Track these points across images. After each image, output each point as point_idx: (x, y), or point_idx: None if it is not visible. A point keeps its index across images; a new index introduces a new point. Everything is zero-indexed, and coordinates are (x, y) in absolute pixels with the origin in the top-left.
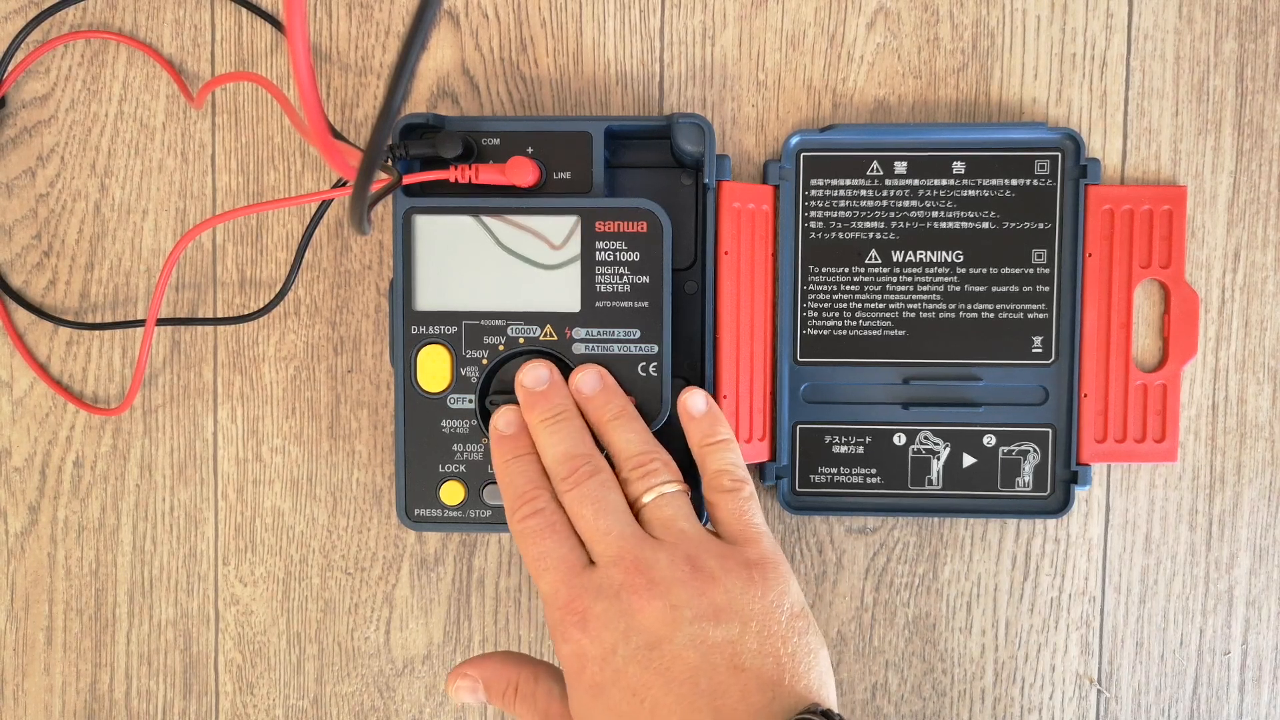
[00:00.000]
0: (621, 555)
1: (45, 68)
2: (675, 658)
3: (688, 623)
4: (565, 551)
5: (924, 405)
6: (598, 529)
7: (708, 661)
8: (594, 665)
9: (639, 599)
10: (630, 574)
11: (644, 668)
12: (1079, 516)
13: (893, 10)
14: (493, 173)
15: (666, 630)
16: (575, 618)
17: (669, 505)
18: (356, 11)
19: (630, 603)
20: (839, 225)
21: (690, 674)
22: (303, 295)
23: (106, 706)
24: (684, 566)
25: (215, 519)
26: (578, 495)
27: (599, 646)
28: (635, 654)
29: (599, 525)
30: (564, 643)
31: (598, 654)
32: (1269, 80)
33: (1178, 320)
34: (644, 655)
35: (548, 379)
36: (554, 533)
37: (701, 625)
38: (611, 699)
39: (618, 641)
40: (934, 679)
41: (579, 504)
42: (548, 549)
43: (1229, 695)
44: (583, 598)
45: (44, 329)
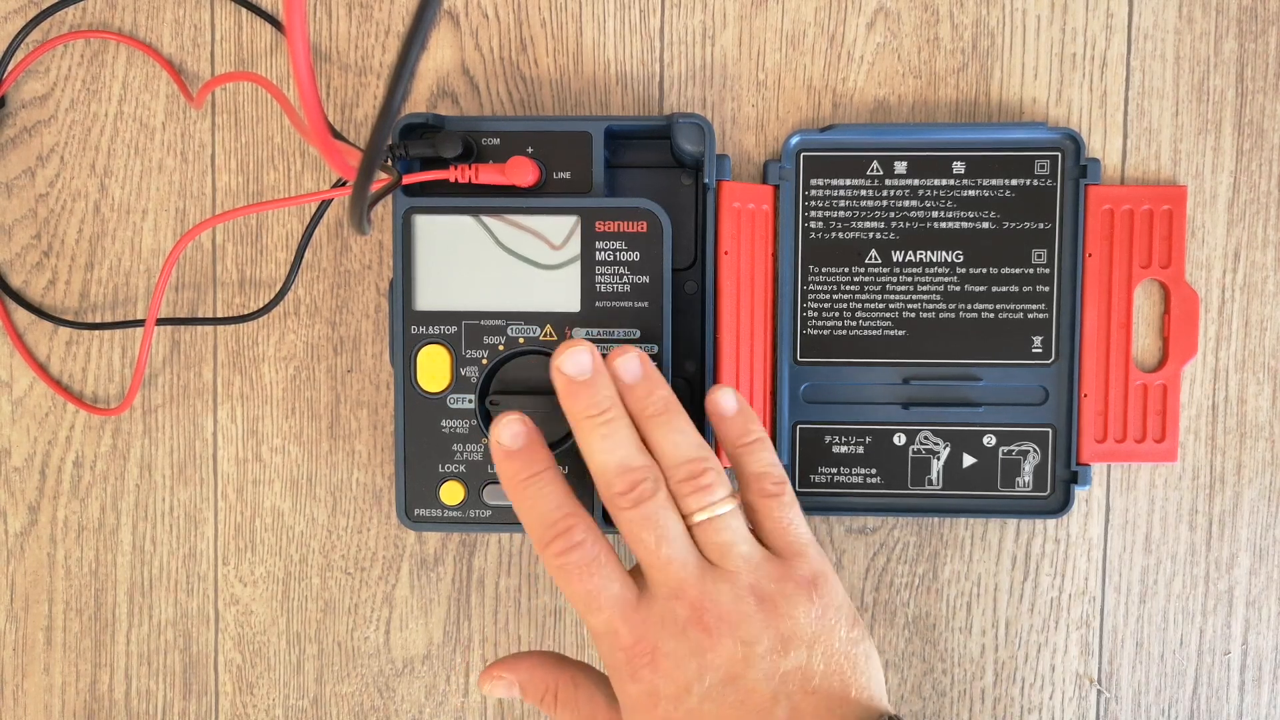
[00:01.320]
0: (684, 589)
1: (45, 68)
2: (751, 692)
3: (760, 658)
4: (618, 589)
5: (924, 405)
6: (659, 557)
7: (783, 691)
8: (668, 704)
9: (709, 638)
10: (696, 611)
11: (720, 704)
12: (1079, 516)
13: (893, 10)
14: (493, 173)
15: (740, 668)
16: (645, 658)
17: (726, 529)
18: (356, 11)
19: (700, 641)
20: (839, 225)
21: (767, 706)
22: (302, 295)
23: (106, 706)
24: (749, 599)
25: (215, 519)
26: (638, 517)
27: (673, 685)
28: (710, 691)
29: (660, 554)
30: (633, 682)
31: (672, 693)
32: (1269, 80)
33: (1178, 320)
34: (719, 692)
35: (591, 366)
36: (601, 569)
37: (774, 659)
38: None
39: (692, 680)
40: (934, 679)
41: (640, 528)
42: (597, 587)
43: (1229, 695)
44: (648, 637)
45: (44, 329)
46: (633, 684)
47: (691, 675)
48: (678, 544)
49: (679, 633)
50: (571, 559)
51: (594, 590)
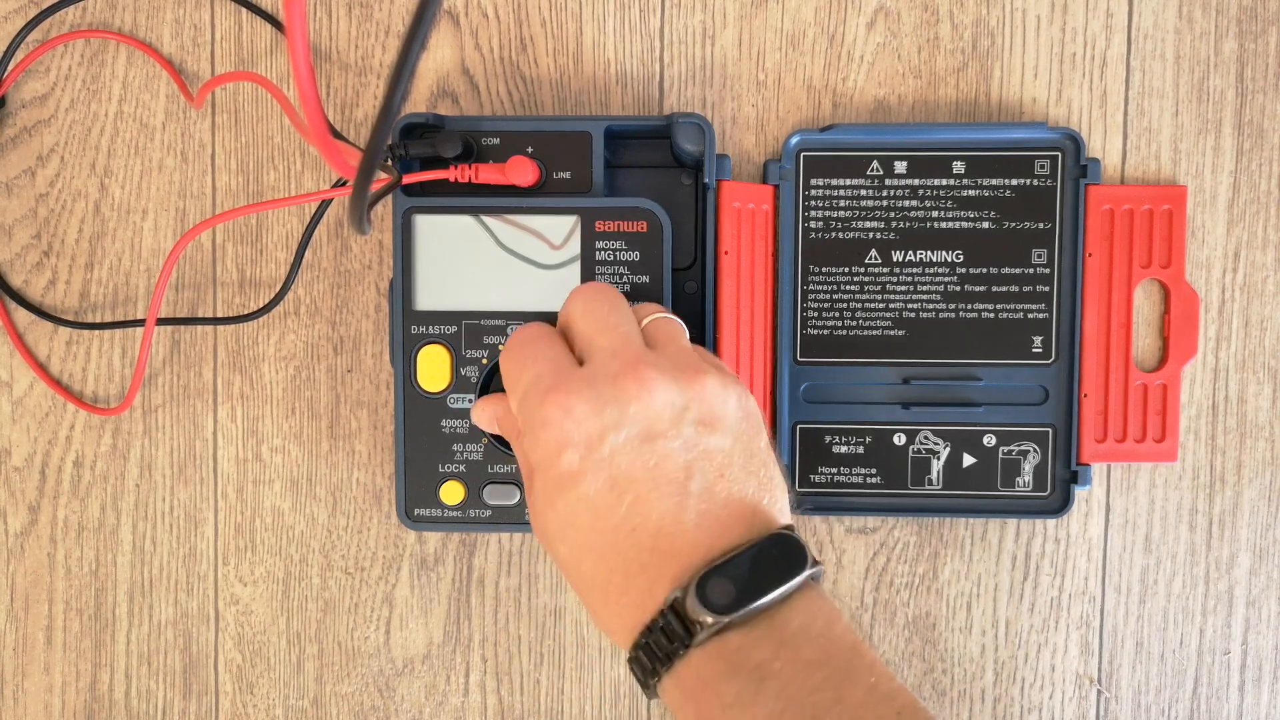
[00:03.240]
0: (625, 349)
1: (45, 67)
2: (667, 456)
3: (685, 425)
4: (557, 353)
5: (924, 405)
6: (607, 323)
7: (698, 467)
8: (573, 453)
9: (640, 388)
10: (632, 365)
11: (632, 460)
12: (1079, 516)
13: (893, 10)
14: (492, 172)
15: (665, 426)
16: (558, 402)
17: (668, 325)
18: (356, 11)
19: (628, 390)
20: (839, 225)
21: (681, 475)
22: (302, 295)
23: (106, 706)
24: (687, 370)
25: (215, 519)
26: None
27: (583, 432)
28: (626, 444)
29: (609, 320)
30: (541, 428)
31: (581, 439)
32: (1269, 80)
33: (1178, 320)
34: (635, 448)
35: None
36: (549, 337)
37: (699, 429)
38: (584, 490)
39: (609, 428)
40: (934, 679)
41: (593, 300)
42: (539, 349)
43: (1229, 695)
44: (570, 383)
45: (44, 329)
46: (541, 430)
47: (609, 423)
48: (628, 320)
49: (609, 381)
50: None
51: (536, 353)
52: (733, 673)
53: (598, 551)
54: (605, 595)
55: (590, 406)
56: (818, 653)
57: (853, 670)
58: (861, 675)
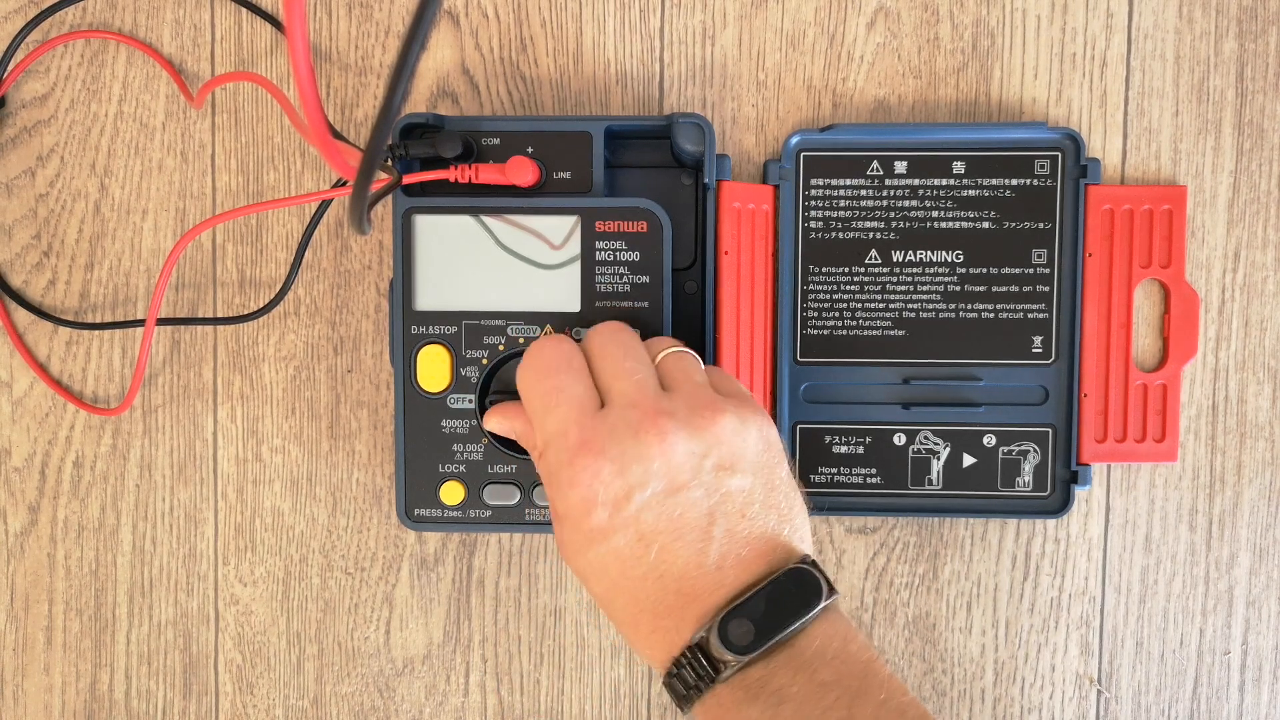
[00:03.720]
0: (642, 398)
1: (45, 68)
2: (691, 505)
3: (706, 472)
4: (580, 391)
5: (924, 405)
6: (623, 368)
7: (721, 511)
8: (603, 511)
9: (661, 443)
10: (652, 416)
11: (658, 515)
12: (1079, 516)
13: (893, 10)
14: (492, 173)
15: (686, 477)
16: (588, 458)
17: (683, 360)
18: (356, 11)
19: (651, 446)
20: (839, 225)
21: (704, 522)
22: (303, 295)
23: (106, 706)
24: (704, 413)
25: (215, 519)
26: (606, 337)
27: (612, 492)
28: (651, 501)
29: (625, 365)
30: (571, 487)
31: (610, 499)
32: (1269, 80)
33: (1178, 320)
34: (660, 502)
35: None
36: (571, 369)
37: (719, 476)
38: (614, 545)
39: (635, 487)
40: (934, 679)
41: (607, 344)
42: (563, 384)
43: (1229, 695)
44: (597, 439)
45: (44, 329)
46: (571, 489)
47: (635, 481)
48: (643, 363)
49: (631, 435)
50: (546, 353)
51: (559, 387)
52: (752, 699)
53: (628, 594)
54: (636, 631)
55: (616, 466)
56: (832, 674)
57: (865, 688)
58: (873, 692)
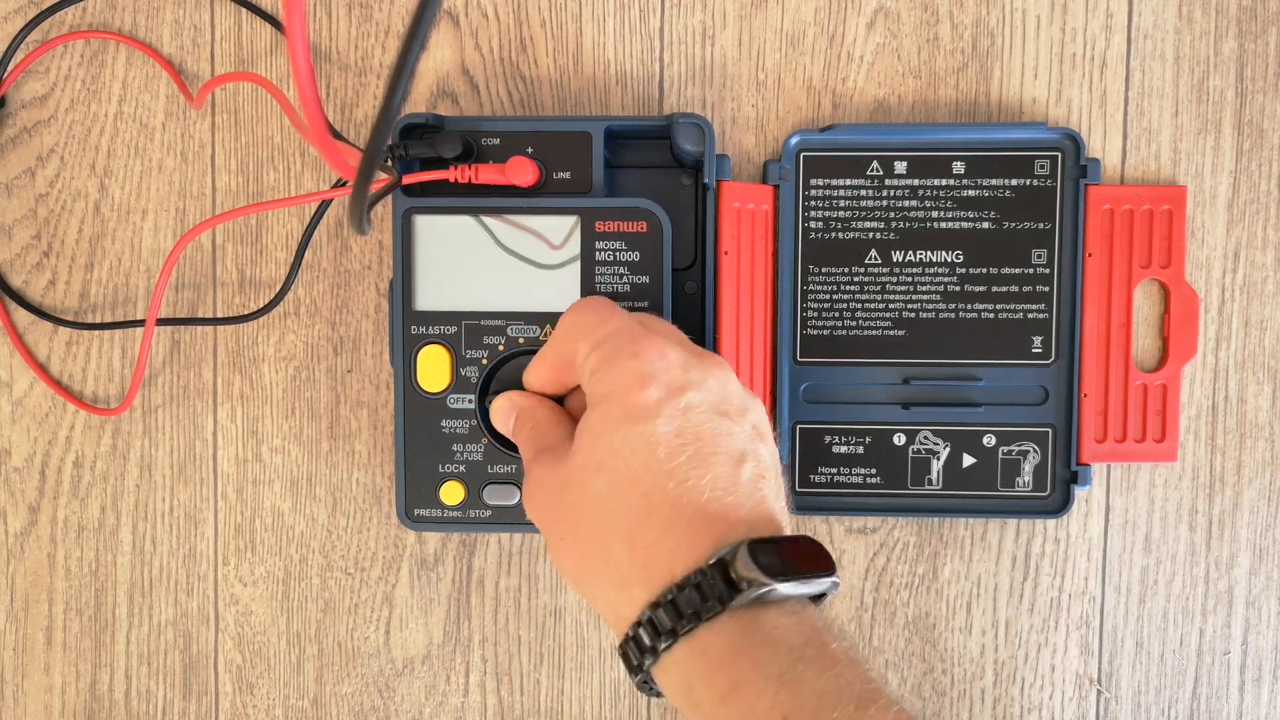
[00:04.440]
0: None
1: (45, 68)
2: (731, 434)
3: (748, 423)
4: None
5: (924, 405)
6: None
7: (751, 459)
8: (656, 390)
9: (720, 369)
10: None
11: (702, 422)
12: (1079, 516)
13: (893, 10)
14: (492, 173)
15: (732, 410)
16: (654, 344)
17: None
18: (356, 11)
19: (710, 367)
20: (839, 225)
21: (738, 455)
22: (303, 295)
23: (106, 706)
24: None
25: (215, 519)
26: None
27: (670, 377)
28: (703, 405)
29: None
30: (633, 359)
31: (666, 382)
32: (1269, 80)
33: (1178, 320)
34: (706, 414)
35: None
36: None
37: (755, 433)
38: (654, 426)
39: (691, 384)
40: (934, 679)
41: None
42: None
43: (1229, 695)
44: (658, 339)
45: (44, 329)
46: (632, 361)
47: (694, 380)
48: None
49: (689, 352)
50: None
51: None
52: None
53: (644, 491)
54: (634, 538)
55: (681, 360)
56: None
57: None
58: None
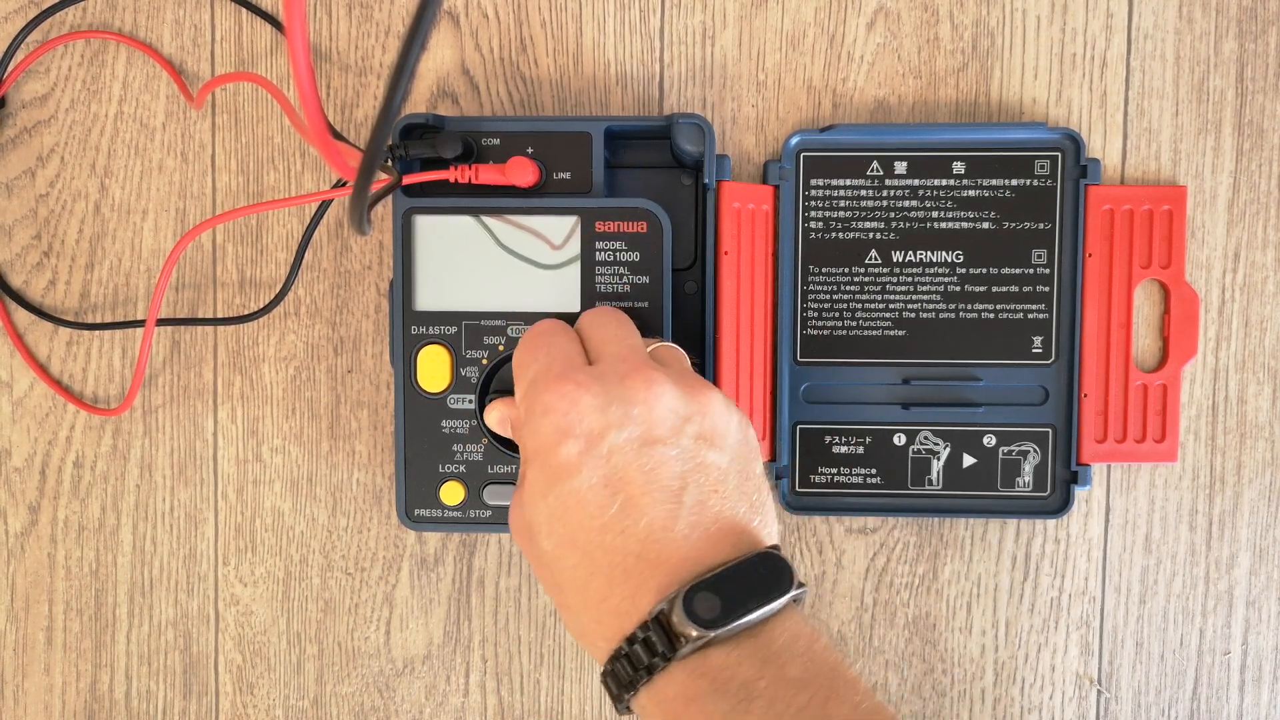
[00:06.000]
0: (632, 356)
1: (45, 68)
2: (665, 463)
3: (685, 435)
4: (568, 346)
5: (924, 405)
6: (615, 335)
7: (694, 480)
8: (574, 444)
9: (646, 391)
10: (639, 368)
11: (628, 463)
12: (1079, 516)
13: (893, 10)
14: (492, 173)
15: (665, 432)
16: (565, 392)
17: (673, 351)
18: (356, 11)
19: (635, 392)
20: (839, 225)
21: (676, 484)
22: (303, 295)
23: (106, 706)
24: (694, 384)
25: (215, 519)
26: (600, 315)
27: (586, 425)
28: (625, 446)
29: (618, 333)
30: (544, 415)
31: (583, 432)
32: (1269, 80)
33: (1178, 320)
34: (634, 450)
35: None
36: (561, 331)
37: (699, 443)
38: (578, 483)
39: (610, 426)
40: (934, 679)
41: (600, 317)
42: (551, 341)
43: (1229, 695)
44: (578, 375)
45: (44, 329)
46: (544, 418)
47: (613, 420)
48: (636, 336)
49: (617, 380)
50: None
51: (546, 342)
52: (719, 691)
53: (583, 549)
54: (584, 598)
55: (596, 401)
56: (802, 672)
57: (836, 690)
58: (846, 694)
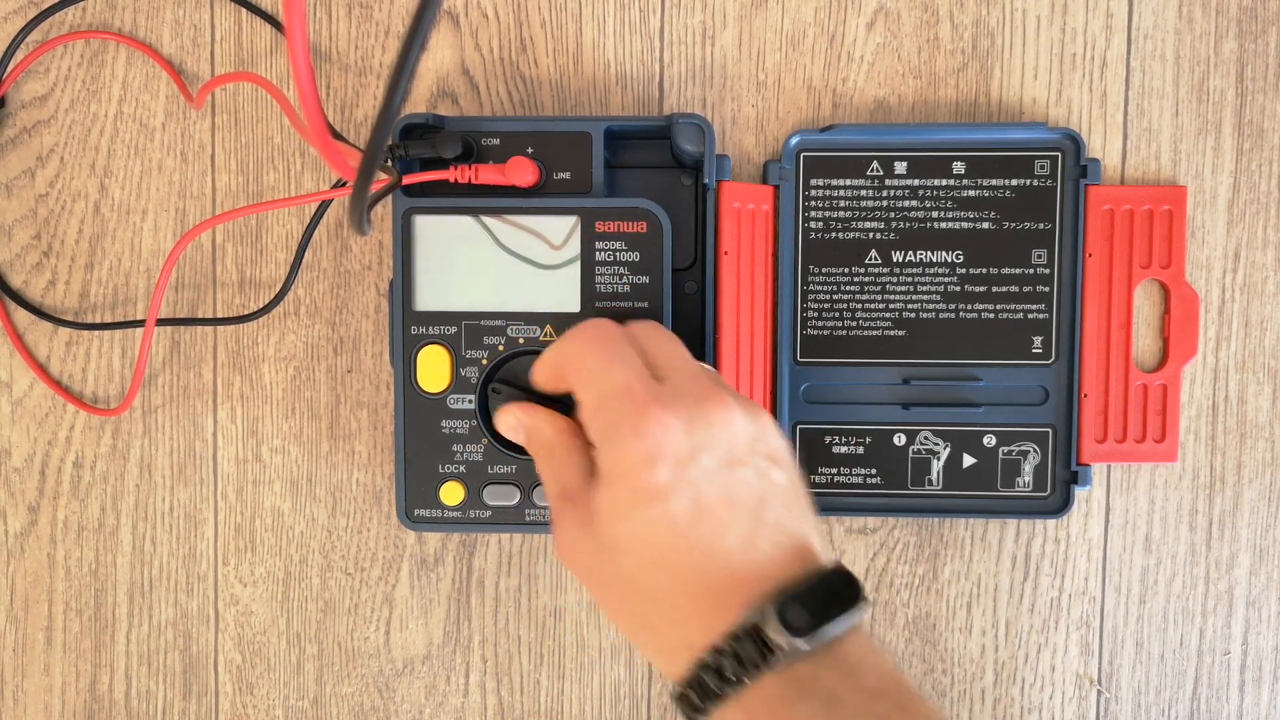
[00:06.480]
0: (699, 377)
1: (45, 68)
2: (745, 483)
3: (758, 456)
4: (638, 360)
5: (924, 405)
6: (678, 354)
7: (770, 496)
8: (664, 469)
9: (724, 413)
10: (711, 391)
11: (715, 484)
12: (1079, 517)
13: (893, 10)
14: (492, 173)
15: (743, 453)
16: (659, 411)
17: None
18: (356, 11)
19: (715, 415)
20: (839, 225)
21: (756, 503)
22: (302, 295)
23: (106, 706)
24: (747, 405)
25: (215, 519)
26: (655, 331)
27: (680, 445)
28: (715, 468)
29: (680, 352)
30: (636, 437)
31: (675, 456)
32: (1269, 80)
33: (1178, 320)
34: (720, 473)
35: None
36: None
37: (769, 463)
38: (669, 507)
39: (700, 449)
40: (934, 679)
41: (658, 334)
42: (622, 351)
43: (1229, 695)
44: (666, 396)
45: (44, 329)
46: (635, 439)
47: (701, 443)
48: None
49: (696, 401)
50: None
51: (619, 352)
52: (805, 697)
53: (671, 569)
54: (671, 616)
55: (684, 425)
56: (877, 682)
57: (907, 702)
58: (917, 706)
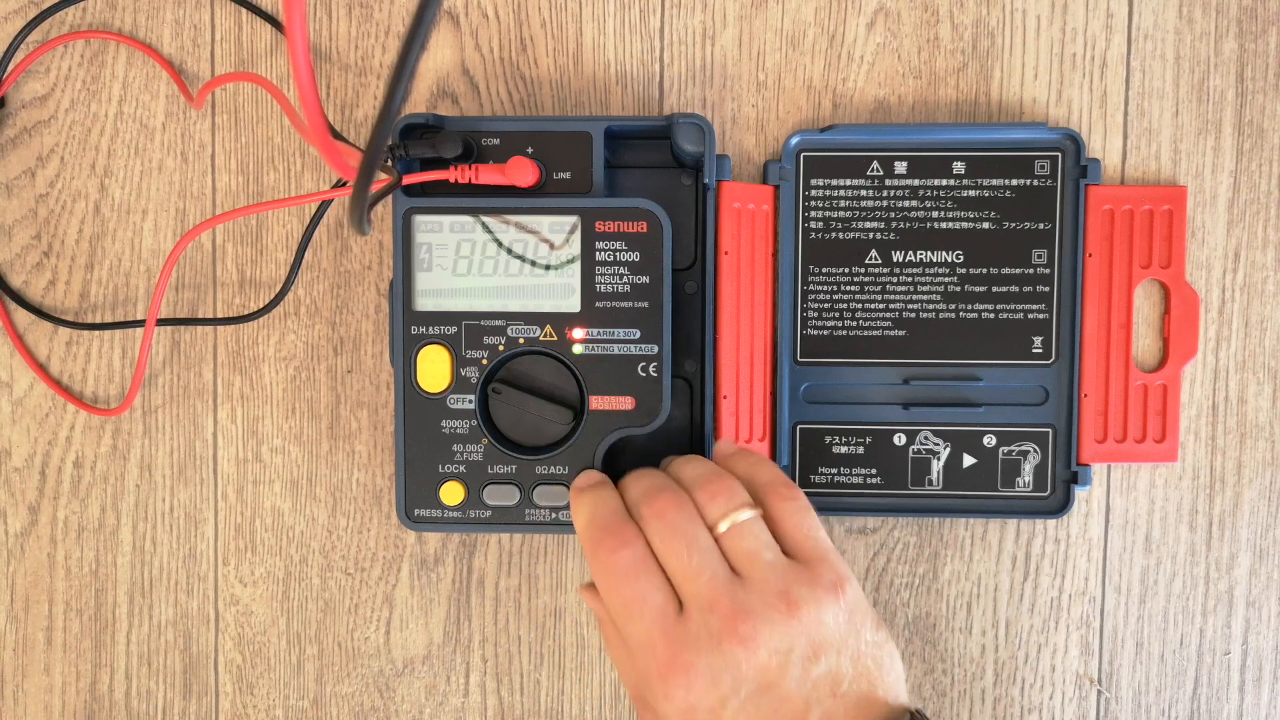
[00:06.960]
0: (717, 601)
1: (45, 68)
2: (784, 700)
3: (793, 665)
4: (660, 600)
5: (924, 405)
6: (691, 567)
7: (814, 697)
8: (703, 717)
9: (744, 649)
10: (729, 621)
11: (754, 714)
12: (1079, 517)
13: (893, 10)
14: (493, 173)
15: (775, 675)
16: (680, 676)
17: (750, 535)
18: (356, 11)
19: (734, 654)
20: (839, 225)
21: (800, 712)
22: (303, 295)
23: (106, 706)
24: (780, 606)
25: (215, 519)
26: (667, 528)
27: (708, 700)
28: (746, 703)
29: (692, 563)
30: (667, 700)
31: (707, 707)
32: (1269, 80)
33: (1178, 320)
34: (755, 702)
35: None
36: (647, 573)
37: (806, 665)
38: None
39: (728, 694)
40: (934, 679)
41: (670, 538)
42: (642, 593)
43: (1229, 695)
44: (684, 653)
45: (44, 329)
46: (667, 702)
47: (727, 689)
48: (708, 554)
49: (714, 647)
50: (622, 557)
51: (638, 595)
52: None
53: None
54: None
55: (707, 678)
56: None
57: None
58: None
